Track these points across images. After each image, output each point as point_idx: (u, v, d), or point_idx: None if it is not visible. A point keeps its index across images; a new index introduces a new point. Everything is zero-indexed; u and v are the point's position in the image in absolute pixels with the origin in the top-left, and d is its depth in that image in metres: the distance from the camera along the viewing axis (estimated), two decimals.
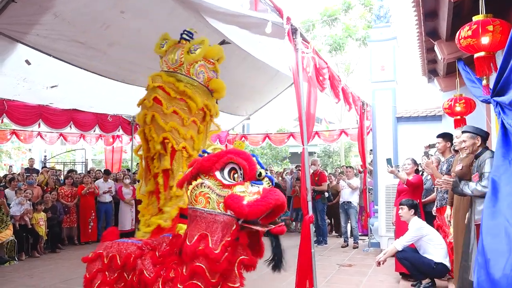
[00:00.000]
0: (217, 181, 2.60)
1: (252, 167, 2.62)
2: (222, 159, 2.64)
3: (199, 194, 2.63)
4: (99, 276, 3.10)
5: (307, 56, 4.38)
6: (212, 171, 2.61)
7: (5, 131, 12.50)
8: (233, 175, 2.62)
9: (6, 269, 6.89)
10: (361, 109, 8.53)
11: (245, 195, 2.53)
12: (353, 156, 24.78)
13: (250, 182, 2.60)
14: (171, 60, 3.68)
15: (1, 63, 6.96)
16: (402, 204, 5.28)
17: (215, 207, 2.57)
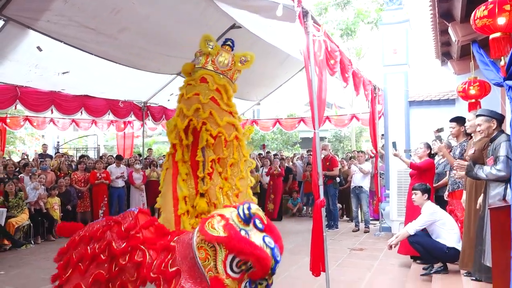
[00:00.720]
0: (223, 262, 2.65)
1: (263, 276, 2.66)
2: (248, 254, 2.61)
3: (204, 249, 2.70)
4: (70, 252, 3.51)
5: (318, 39, 4.33)
6: (231, 251, 2.63)
7: (19, 117, 12.66)
8: (241, 264, 2.64)
9: (23, 252, 7.06)
10: (372, 93, 8.44)
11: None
12: (364, 141, 24.65)
13: (248, 280, 2.66)
14: (221, 63, 4.23)
15: (13, 49, 7.00)
16: (415, 189, 5.22)
17: (205, 270, 2.67)
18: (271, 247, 2.71)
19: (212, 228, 2.68)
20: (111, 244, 3.14)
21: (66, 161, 10.29)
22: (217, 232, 2.65)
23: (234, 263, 2.64)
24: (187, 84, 4.20)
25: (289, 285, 5.04)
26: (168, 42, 7.71)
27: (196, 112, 3.98)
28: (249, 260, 2.61)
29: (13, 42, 6.82)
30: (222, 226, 2.67)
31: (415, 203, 5.24)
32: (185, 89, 4.17)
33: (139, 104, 10.91)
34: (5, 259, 6.50)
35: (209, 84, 4.10)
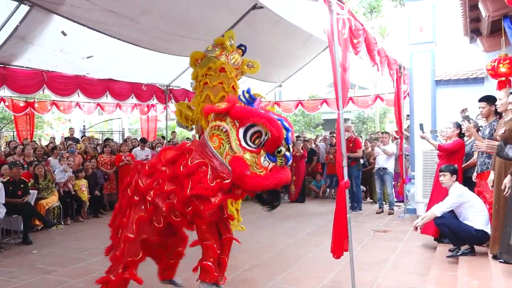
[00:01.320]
0: (237, 137, 2.70)
1: (277, 142, 2.67)
2: (255, 118, 2.67)
3: (216, 135, 2.78)
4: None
5: (342, 17, 4.22)
6: (239, 123, 2.68)
7: (46, 102, 12.95)
8: (255, 138, 2.65)
9: (53, 232, 7.30)
10: (397, 73, 8.23)
11: (253, 165, 2.63)
12: (388, 122, 24.24)
13: (266, 154, 2.65)
14: (235, 61, 4.66)
15: (38, 35, 7.12)
16: (443, 170, 5.06)
17: (223, 155, 2.73)
18: (279, 119, 2.78)
19: (217, 107, 2.85)
20: (138, 183, 3.22)
21: (92, 145, 10.50)
22: (220, 107, 2.81)
23: (248, 137, 2.71)
24: (207, 74, 4.55)
25: (312, 266, 5.07)
26: (189, 24, 7.70)
27: (222, 99, 4.26)
28: (260, 125, 2.66)
29: (38, 27, 6.94)
30: (225, 101, 2.88)
31: (443, 185, 5.08)
32: (208, 78, 4.52)
33: (161, 87, 11.00)
34: (37, 238, 6.75)
35: (227, 73, 4.54)
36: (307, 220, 8.01)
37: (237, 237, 3.64)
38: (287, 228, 7.35)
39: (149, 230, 3.27)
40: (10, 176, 6.78)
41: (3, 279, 4.83)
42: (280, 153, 2.71)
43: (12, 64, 7.88)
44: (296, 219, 8.11)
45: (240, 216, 5.62)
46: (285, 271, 4.88)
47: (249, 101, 2.83)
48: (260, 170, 2.64)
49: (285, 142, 2.73)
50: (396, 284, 4.43)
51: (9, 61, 7.76)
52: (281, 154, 2.72)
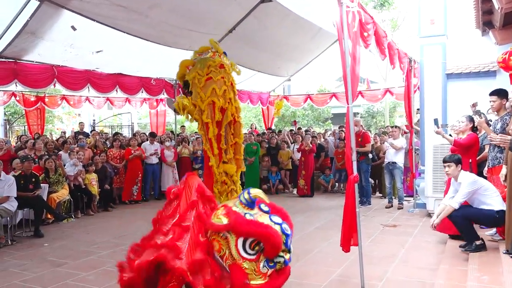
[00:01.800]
0: (236, 247, 2.73)
1: (276, 251, 2.73)
2: (255, 234, 2.70)
3: (216, 240, 2.79)
4: None
5: (351, 10, 4.18)
6: (239, 235, 2.72)
7: (56, 96, 13.06)
8: (254, 245, 2.72)
9: (64, 225, 7.39)
10: (408, 66, 8.15)
11: (252, 273, 2.68)
12: (398, 116, 24.08)
13: (265, 259, 2.72)
14: (226, 64, 4.89)
15: (49, 29, 7.16)
16: (447, 161, 4.92)
17: (223, 259, 2.75)
18: (279, 223, 2.81)
19: (217, 218, 2.81)
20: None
21: (102, 139, 10.58)
22: (220, 221, 2.78)
23: (247, 246, 2.73)
24: (210, 71, 4.78)
25: (320, 261, 5.06)
26: (198, 18, 7.69)
27: (224, 93, 4.72)
28: (258, 239, 2.69)
29: (48, 22, 6.98)
30: (224, 215, 2.80)
31: (449, 176, 4.99)
32: (212, 74, 4.75)
33: (170, 82, 11.01)
34: (48, 232, 6.83)
35: (226, 69, 4.83)
36: (315, 214, 8.00)
37: None
38: (295, 222, 7.26)
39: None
40: (21, 170, 6.86)
41: (15, 271, 4.91)
42: (280, 262, 2.79)
43: (23, 58, 7.94)
44: (304, 213, 8.10)
45: None
46: (293, 266, 4.85)
47: (249, 202, 2.85)
48: (259, 277, 2.71)
49: (285, 247, 2.81)
50: (405, 278, 4.41)
51: (20, 56, 7.82)
52: (281, 262, 2.80)
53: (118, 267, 3.07)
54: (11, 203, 6.25)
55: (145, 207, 8.91)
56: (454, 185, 4.99)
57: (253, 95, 13.59)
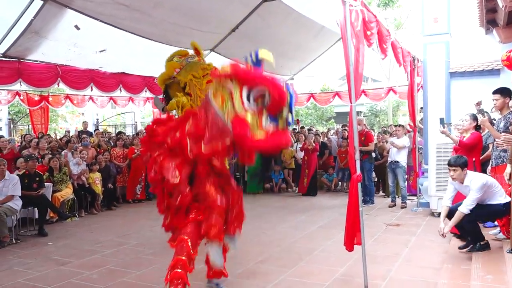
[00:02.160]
0: (240, 98, 2.64)
1: (280, 104, 2.63)
2: (259, 82, 2.64)
3: (219, 94, 2.72)
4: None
5: (355, 9, 4.17)
6: (243, 84, 2.64)
7: (60, 95, 13.11)
8: (258, 99, 2.63)
9: (68, 224, 7.41)
10: (411, 65, 8.12)
11: (254, 126, 2.57)
12: (401, 115, 24.04)
13: (268, 115, 2.60)
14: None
15: (52, 29, 7.19)
16: (453, 165, 4.75)
17: (225, 114, 2.67)
18: (284, 83, 2.74)
19: (222, 69, 2.79)
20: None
21: (105, 138, 10.60)
22: (225, 71, 2.77)
23: (251, 98, 2.65)
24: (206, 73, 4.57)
25: (323, 260, 5.06)
26: (201, 17, 7.69)
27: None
28: (264, 88, 2.61)
29: (52, 21, 7.01)
30: (229, 66, 2.76)
31: (454, 180, 4.82)
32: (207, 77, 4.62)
33: None
34: (52, 231, 6.85)
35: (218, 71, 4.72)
36: (318, 213, 7.99)
37: (248, 231, 3.64)
38: (298, 221, 7.35)
39: None
40: (25, 169, 6.89)
41: (19, 270, 4.93)
42: (283, 117, 2.67)
43: (27, 58, 7.98)
44: (307, 212, 8.10)
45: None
46: (296, 265, 4.89)
47: (256, 63, 2.80)
48: (261, 132, 2.60)
49: (288, 106, 2.69)
50: (409, 278, 4.40)
51: (24, 55, 7.86)
52: (283, 117, 2.67)
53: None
54: (16, 202, 6.29)
55: (148, 206, 8.93)
56: (454, 184, 4.90)
57: None
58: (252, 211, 8.19)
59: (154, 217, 7.61)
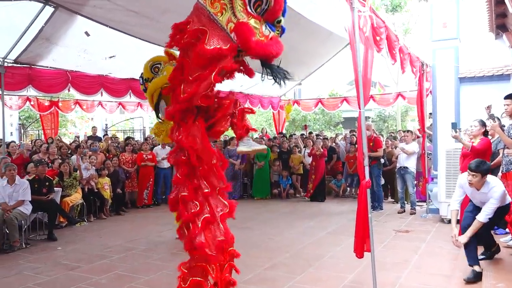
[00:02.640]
0: (242, 2, 2.60)
1: (278, 11, 2.67)
2: None
3: (217, 1, 2.62)
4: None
5: (363, 15, 4.17)
6: None
7: (69, 101, 13.23)
8: (257, 6, 2.62)
9: (77, 229, 7.45)
10: (420, 70, 8.09)
11: (257, 32, 2.56)
12: (410, 120, 23.88)
13: (266, 22, 2.62)
14: None
15: (63, 35, 7.27)
16: (473, 170, 4.41)
17: (224, 22, 2.59)
18: None
19: None
20: None
21: (114, 143, 10.67)
22: None
23: (252, 4, 2.62)
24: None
25: (332, 266, 5.03)
26: None
27: None
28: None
29: (62, 28, 7.08)
30: None
31: (471, 186, 4.57)
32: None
33: None
34: (61, 235, 6.90)
35: None
36: (327, 219, 7.95)
37: (256, 237, 3.63)
38: (307, 227, 7.32)
39: None
40: (35, 174, 6.95)
41: (29, 274, 4.96)
42: (280, 23, 2.72)
43: (38, 64, 8.07)
44: (316, 218, 8.06)
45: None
46: (305, 271, 4.86)
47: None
48: (262, 38, 2.60)
49: (282, 13, 2.75)
50: (419, 285, 4.36)
51: (35, 61, 7.94)
52: (280, 23, 2.73)
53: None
54: (26, 207, 6.34)
55: (156, 211, 8.96)
56: (464, 189, 4.70)
57: (264, 100, 13.60)
58: (260, 217, 8.19)
59: (162, 222, 7.66)
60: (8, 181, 6.28)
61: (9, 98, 11.09)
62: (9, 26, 7.04)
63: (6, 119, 11.62)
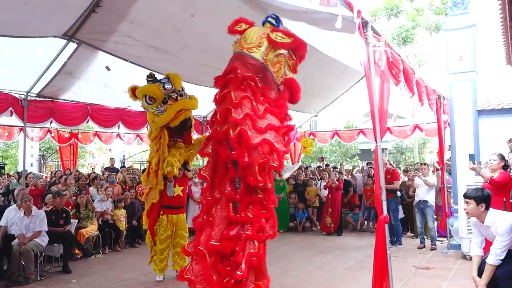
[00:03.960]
0: (293, 63, 3.86)
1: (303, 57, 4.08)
2: (302, 46, 3.91)
3: (277, 61, 3.73)
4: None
5: (378, 49, 4.20)
6: (296, 51, 3.86)
7: (89, 133, 13.50)
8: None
9: (92, 261, 7.42)
10: (437, 103, 8.04)
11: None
12: (428, 152, 23.59)
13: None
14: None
15: (85, 70, 7.51)
16: (467, 196, 4.05)
17: (279, 78, 3.77)
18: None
19: (281, 38, 3.74)
20: None
21: (131, 175, 10.75)
22: (286, 39, 3.73)
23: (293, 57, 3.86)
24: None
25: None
26: (226, 57, 7.86)
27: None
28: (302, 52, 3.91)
29: (84, 63, 7.33)
30: (282, 35, 3.76)
31: (469, 216, 4.21)
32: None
33: (199, 119, 11.22)
34: (76, 268, 6.87)
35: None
36: (344, 254, 7.77)
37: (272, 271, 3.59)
38: (323, 262, 7.15)
39: None
40: (53, 205, 7.02)
41: None
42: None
43: (60, 98, 8.31)
44: (333, 253, 7.88)
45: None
46: None
47: (278, 22, 4.00)
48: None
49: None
50: None
51: (57, 95, 8.19)
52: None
53: None
54: (42, 238, 6.37)
55: None
56: (476, 226, 4.17)
57: None
58: (277, 250, 8.04)
59: None
60: (25, 213, 6.35)
61: (31, 130, 11.37)
62: (33, 62, 7.31)
63: (27, 150, 11.89)
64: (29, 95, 7.93)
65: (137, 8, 6.00)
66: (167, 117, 5.53)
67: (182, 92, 5.83)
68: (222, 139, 3.58)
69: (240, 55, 3.74)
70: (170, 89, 5.61)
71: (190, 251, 3.63)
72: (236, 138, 3.43)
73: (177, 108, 5.57)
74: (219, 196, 3.59)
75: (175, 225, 6.05)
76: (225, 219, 3.45)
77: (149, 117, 5.87)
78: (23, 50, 6.75)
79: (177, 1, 6.17)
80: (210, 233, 3.44)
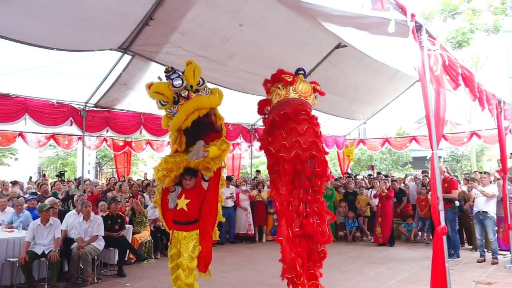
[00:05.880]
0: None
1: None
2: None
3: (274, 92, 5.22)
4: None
5: (433, 53, 4.04)
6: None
7: (141, 141, 14.00)
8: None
9: (145, 266, 7.64)
10: (497, 108, 7.59)
11: None
12: (486, 160, 22.37)
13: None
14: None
15: (138, 80, 7.80)
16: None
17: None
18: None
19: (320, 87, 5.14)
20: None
21: None
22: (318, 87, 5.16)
23: None
24: None
25: None
26: (274, 64, 7.85)
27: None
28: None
29: (138, 74, 7.62)
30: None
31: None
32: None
33: (247, 127, 11.31)
34: (130, 272, 7.09)
35: None
36: (397, 266, 7.48)
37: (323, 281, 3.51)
38: (375, 273, 6.92)
39: None
40: (109, 211, 7.31)
41: None
42: None
43: (115, 108, 8.68)
44: (385, 264, 7.61)
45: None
46: None
47: (304, 74, 5.26)
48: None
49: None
50: None
51: (113, 105, 8.57)
52: None
53: None
54: (99, 242, 6.64)
55: (221, 250, 8.96)
56: None
57: (328, 139, 13.46)
58: (327, 260, 7.85)
59: (226, 262, 7.64)
60: (84, 217, 6.65)
61: (88, 138, 11.96)
62: (91, 74, 7.69)
63: (85, 158, 12.50)
64: (87, 106, 8.35)
65: (188, 20, 6.18)
66: (178, 120, 4.55)
67: (199, 87, 4.79)
68: (306, 160, 4.70)
69: (301, 101, 4.97)
70: (180, 86, 4.64)
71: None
72: (322, 160, 4.81)
73: (188, 109, 4.54)
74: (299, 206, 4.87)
75: (180, 243, 4.85)
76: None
77: (163, 121, 5.06)
78: (81, 63, 7.11)
79: (226, 12, 6.29)
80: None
